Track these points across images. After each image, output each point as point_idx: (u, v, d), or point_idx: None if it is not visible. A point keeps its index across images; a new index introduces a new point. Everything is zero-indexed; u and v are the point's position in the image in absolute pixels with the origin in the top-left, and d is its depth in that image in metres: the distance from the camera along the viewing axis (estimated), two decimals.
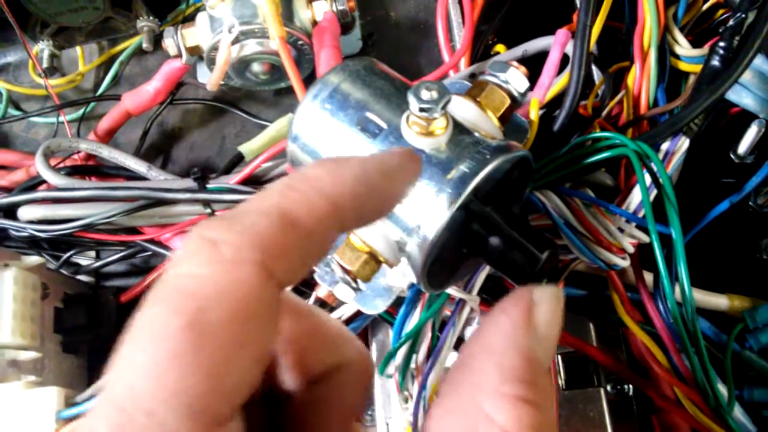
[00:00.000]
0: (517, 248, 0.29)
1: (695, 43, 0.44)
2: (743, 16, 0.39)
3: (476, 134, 0.31)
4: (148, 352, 0.17)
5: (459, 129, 0.31)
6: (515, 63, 0.34)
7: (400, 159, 0.23)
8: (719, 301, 0.44)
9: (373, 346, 0.47)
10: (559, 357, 0.44)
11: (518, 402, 0.21)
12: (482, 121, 0.33)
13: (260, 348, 0.19)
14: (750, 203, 0.46)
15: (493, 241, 0.30)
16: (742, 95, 0.42)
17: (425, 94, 0.29)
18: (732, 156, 0.47)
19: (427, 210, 0.29)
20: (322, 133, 0.32)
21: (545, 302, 0.23)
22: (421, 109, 0.29)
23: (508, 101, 0.34)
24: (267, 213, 0.19)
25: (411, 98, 0.29)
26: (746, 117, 0.44)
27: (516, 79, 0.34)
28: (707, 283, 0.44)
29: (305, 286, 0.44)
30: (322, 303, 0.41)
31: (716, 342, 0.42)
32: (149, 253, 0.51)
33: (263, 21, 0.50)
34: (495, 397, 0.21)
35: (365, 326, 0.46)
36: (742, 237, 0.47)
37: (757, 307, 0.42)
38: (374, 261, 0.33)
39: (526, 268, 0.29)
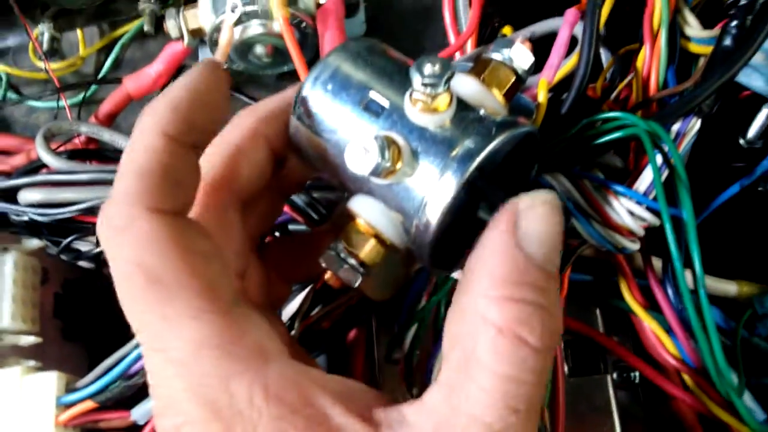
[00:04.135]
0: None
1: (706, 25, 0.43)
2: None
3: (481, 111, 0.30)
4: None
5: (463, 106, 0.30)
6: (520, 39, 0.33)
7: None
8: (728, 288, 0.43)
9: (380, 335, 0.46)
10: (564, 344, 0.43)
11: (507, 301, 0.24)
12: (487, 98, 0.32)
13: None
14: (760, 188, 0.45)
15: None
16: (752, 78, 0.41)
17: (428, 69, 0.28)
18: (741, 141, 0.46)
19: (432, 189, 0.29)
20: (324, 115, 0.32)
21: (533, 208, 0.26)
22: (424, 84, 0.28)
23: (512, 78, 0.33)
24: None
25: (413, 73, 0.28)
26: (756, 101, 0.43)
27: (520, 55, 0.33)
28: (716, 270, 0.44)
29: None
30: (328, 287, 0.40)
31: (725, 329, 0.41)
32: None
33: (266, 2, 0.49)
34: (487, 300, 0.24)
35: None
36: (752, 223, 0.46)
37: (766, 293, 0.41)
38: (380, 244, 0.32)
39: None
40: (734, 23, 0.38)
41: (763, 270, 0.45)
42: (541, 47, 0.41)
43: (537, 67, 0.40)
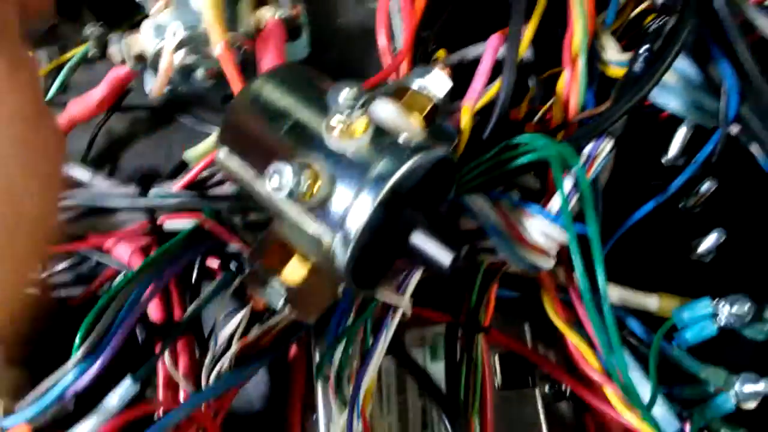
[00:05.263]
0: (433, 245, 0.30)
1: (627, 48, 0.45)
2: (665, 19, 0.40)
3: (401, 136, 0.32)
4: None
5: (381, 131, 0.32)
6: (438, 66, 0.35)
7: None
8: (650, 301, 0.44)
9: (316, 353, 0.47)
10: (496, 357, 0.45)
11: None
12: (404, 123, 0.33)
13: None
14: (680, 205, 0.47)
15: (412, 238, 0.31)
16: (668, 99, 0.42)
17: (344, 94, 0.29)
18: (663, 160, 0.48)
19: (348, 210, 0.30)
20: (247, 140, 0.33)
21: None
22: (340, 111, 0.30)
23: (430, 104, 0.35)
24: None
25: (331, 99, 0.30)
26: (676, 121, 0.45)
27: (438, 81, 0.35)
28: (640, 284, 0.45)
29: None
30: (253, 311, 0.41)
31: (647, 342, 0.43)
32: (94, 262, 0.51)
33: (207, 27, 0.50)
34: None
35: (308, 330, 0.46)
36: (675, 238, 0.48)
37: (685, 306, 0.43)
38: (302, 264, 0.33)
39: (440, 265, 0.30)
40: (645, 47, 0.40)
41: (686, 285, 0.46)
42: (473, 71, 0.42)
43: (464, 92, 0.42)
